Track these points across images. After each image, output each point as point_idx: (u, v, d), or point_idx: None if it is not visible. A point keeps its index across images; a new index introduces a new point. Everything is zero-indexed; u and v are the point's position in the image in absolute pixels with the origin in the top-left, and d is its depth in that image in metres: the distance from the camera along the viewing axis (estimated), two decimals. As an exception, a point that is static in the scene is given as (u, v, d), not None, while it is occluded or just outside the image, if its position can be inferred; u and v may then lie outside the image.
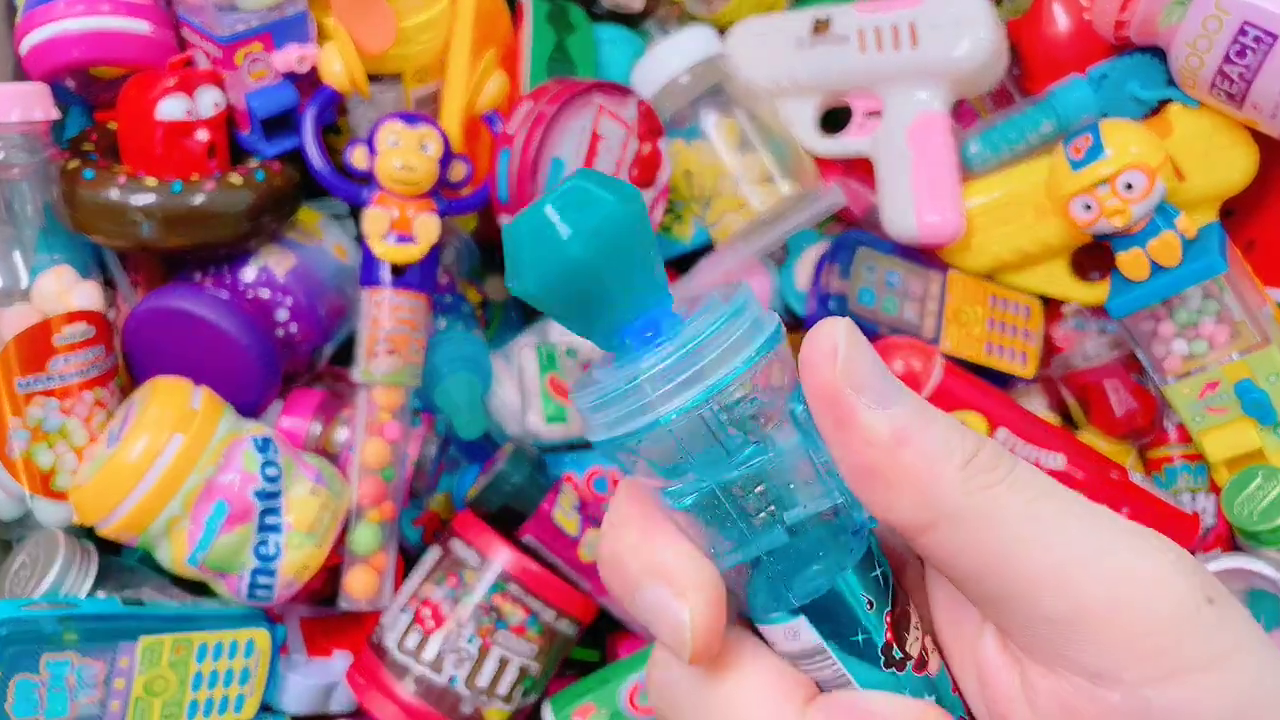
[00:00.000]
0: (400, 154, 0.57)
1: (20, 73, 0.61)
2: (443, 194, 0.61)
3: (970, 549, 0.22)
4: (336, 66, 0.58)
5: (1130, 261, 0.60)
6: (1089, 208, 0.58)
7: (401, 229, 0.58)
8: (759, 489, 0.22)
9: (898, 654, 0.23)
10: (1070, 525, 0.22)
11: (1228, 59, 0.59)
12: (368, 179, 0.58)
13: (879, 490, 0.22)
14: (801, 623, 0.23)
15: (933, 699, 0.24)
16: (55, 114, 0.59)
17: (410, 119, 0.58)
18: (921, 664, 0.24)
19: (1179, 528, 0.63)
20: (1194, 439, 0.64)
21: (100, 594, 0.57)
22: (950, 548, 0.22)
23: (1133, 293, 0.61)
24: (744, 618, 0.25)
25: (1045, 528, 0.22)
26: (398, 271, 0.58)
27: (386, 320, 0.58)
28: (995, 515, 0.22)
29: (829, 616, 0.23)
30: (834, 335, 0.22)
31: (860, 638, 0.23)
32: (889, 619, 0.23)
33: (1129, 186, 0.57)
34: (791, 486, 0.22)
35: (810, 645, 0.23)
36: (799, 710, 0.23)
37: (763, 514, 0.22)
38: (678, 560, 0.23)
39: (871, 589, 0.23)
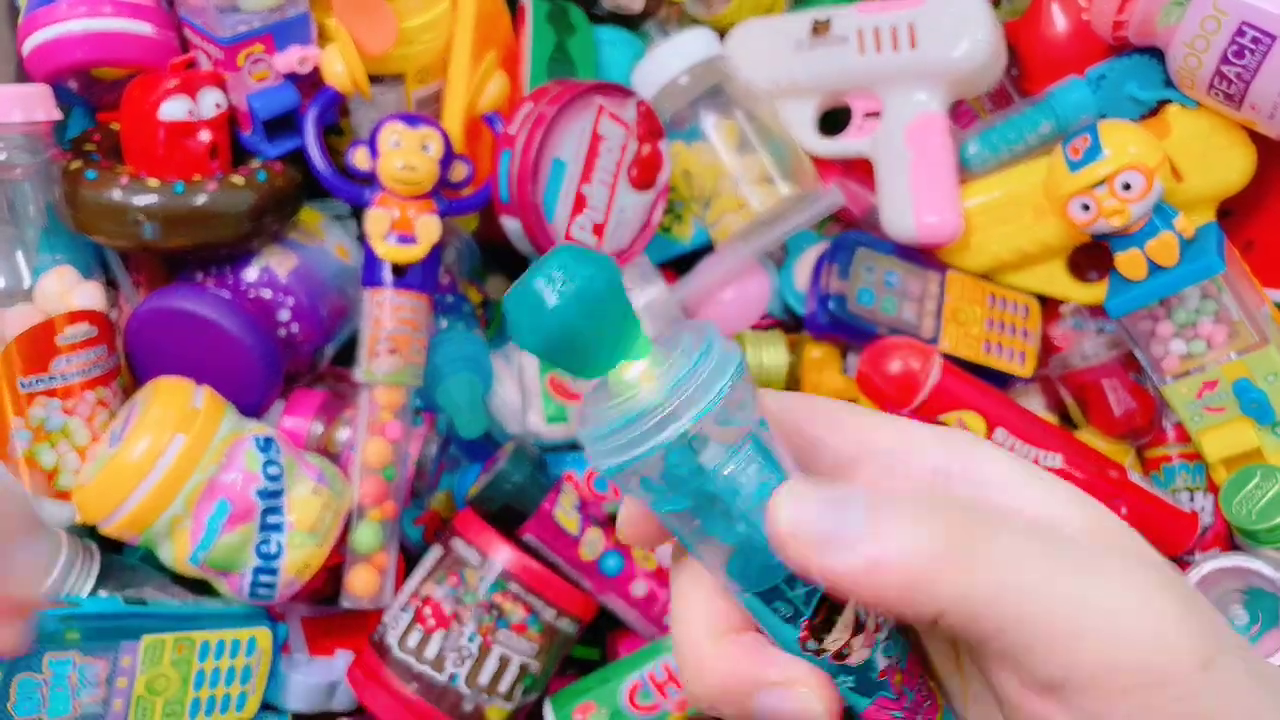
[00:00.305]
0: (402, 154, 0.57)
1: (23, 74, 0.61)
2: (444, 194, 0.61)
3: (973, 626, 0.23)
4: (338, 67, 0.58)
5: (1128, 261, 0.60)
6: (1087, 208, 0.58)
7: (403, 229, 0.58)
8: (721, 505, 0.25)
9: (812, 646, 0.26)
10: (1055, 590, 0.22)
11: (1225, 59, 0.59)
12: (369, 179, 0.58)
13: (868, 600, 0.24)
14: (750, 599, 0.26)
15: (850, 679, 0.26)
16: (57, 115, 0.59)
17: (411, 120, 0.58)
18: (840, 656, 0.26)
19: (1177, 527, 0.63)
20: (1192, 438, 0.64)
21: (102, 593, 0.57)
22: (943, 624, 0.23)
23: (1131, 292, 0.61)
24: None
25: (1030, 597, 0.22)
26: (399, 272, 0.58)
27: (388, 320, 0.58)
28: (981, 595, 0.22)
29: (765, 603, 0.26)
30: (787, 513, 0.24)
31: (786, 630, 0.26)
32: (805, 624, 0.26)
33: (1127, 187, 0.57)
34: (744, 506, 0.25)
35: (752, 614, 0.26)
36: (720, 634, 0.26)
37: (731, 520, 0.25)
38: (777, 663, 0.26)
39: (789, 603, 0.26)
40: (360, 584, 0.58)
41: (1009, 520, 0.24)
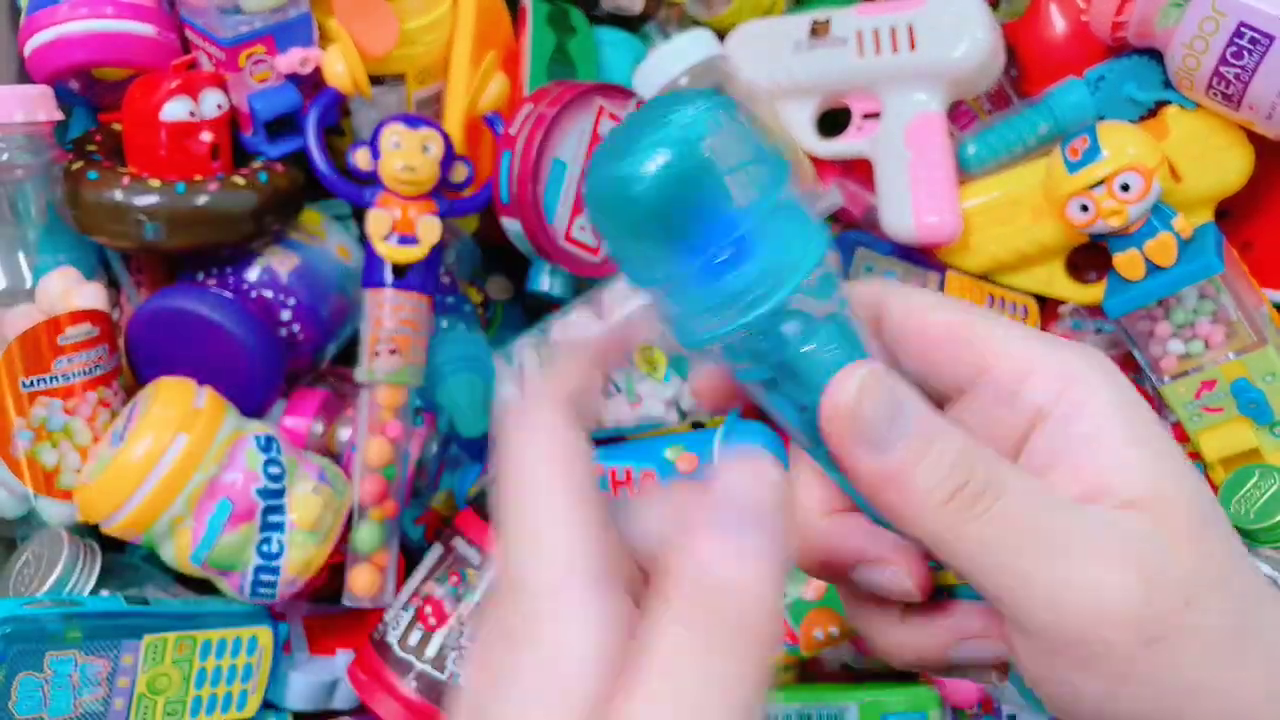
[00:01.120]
0: (402, 155, 0.57)
1: (24, 75, 0.61)
2: (444, 195, 0.61)
3: (951, 563, 0.25)
4: (339, 68, 0.59)
5: (1127, 262, 0.60)
6: (1086, 209, 0.59)
7: (404, 230, 0.58)
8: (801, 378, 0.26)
9: None
10: (1041, 556, 0.24)
11: (1224, 60, 0.59)
12: (370, 180, 0.58)
13: (872, 502, 0.26)
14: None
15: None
16: (58, 115, 0.59)
17: (412, 121, 0.59)
18: None
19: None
20: (1190, 438, 0.64)
21: (104, 592, 0.57)
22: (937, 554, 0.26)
23: (1129, 293, 0.61)
24: None
25: (1017, 558, 0.24)
26: (400, 272, 0.58)
27: (389, 320, 0.58)
28: (970, 547, 0.25)
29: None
30: (848, 388, 0.25)
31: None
32: None
33: (1125, 188, 0.57)
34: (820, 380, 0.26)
35: None
36: (826, 513, 0.29)
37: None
38: (875, 542, 0.28)
39: None
40: (361, 583, 0.58)
41: (1022, 493, 0.25)
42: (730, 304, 0.24)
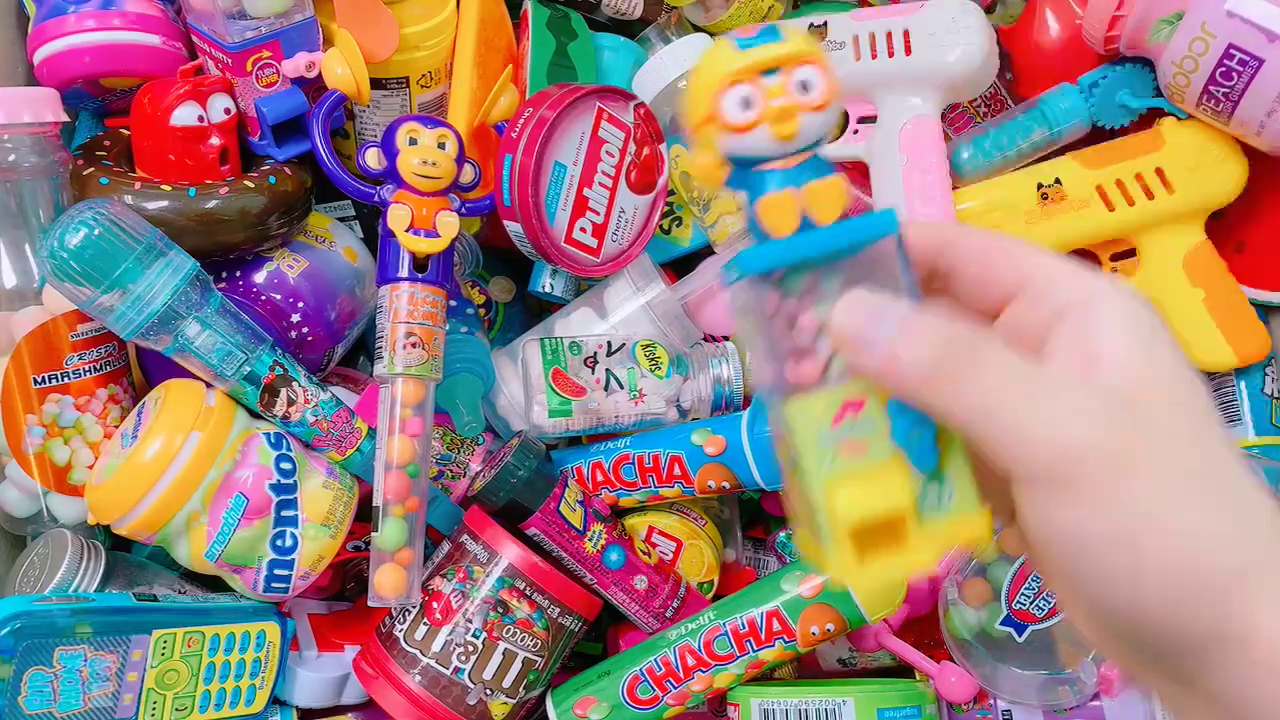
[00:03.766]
0: (420, 152, 0.57)
1: (32, 79, 0.62)
2: (457, 195, 0.61)
3: (952, 427, 0.29)
4: (340, 70, 0.59)
5: (775, 207, 0.34)
6: (747, 104, 0.33)
7: (423, 226, 0.58)
8: None
9: None
10: (1019, 405, 0.28)
11: (1214, 80, 0.59)
12: (381, 180, 0.58)
13: (891, 392, 0.30)
14: None
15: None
16: (65, 117, 0.59)
17: (427, 120, 0.59)
18: None
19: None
20: (808, 492, 0.32)
21: (111, 590, 0.57)
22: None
23: (766, 253, 0.33)
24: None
25: (1000, 410, 0.28)
26: (419, 268, 0.58)
27: (410, 313, 0.57)
28: (958, 409, 0.28)
29: None
30: (838, 315, 0.30)
31: None
32: None
33: (805, 87, 0.34)
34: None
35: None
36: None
37: None
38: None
39: None
40: (388, 583, 0.57)
41: (999, 360, 0.28)
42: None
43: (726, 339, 0.70)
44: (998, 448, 0.28)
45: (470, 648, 0.58)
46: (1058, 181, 0.67)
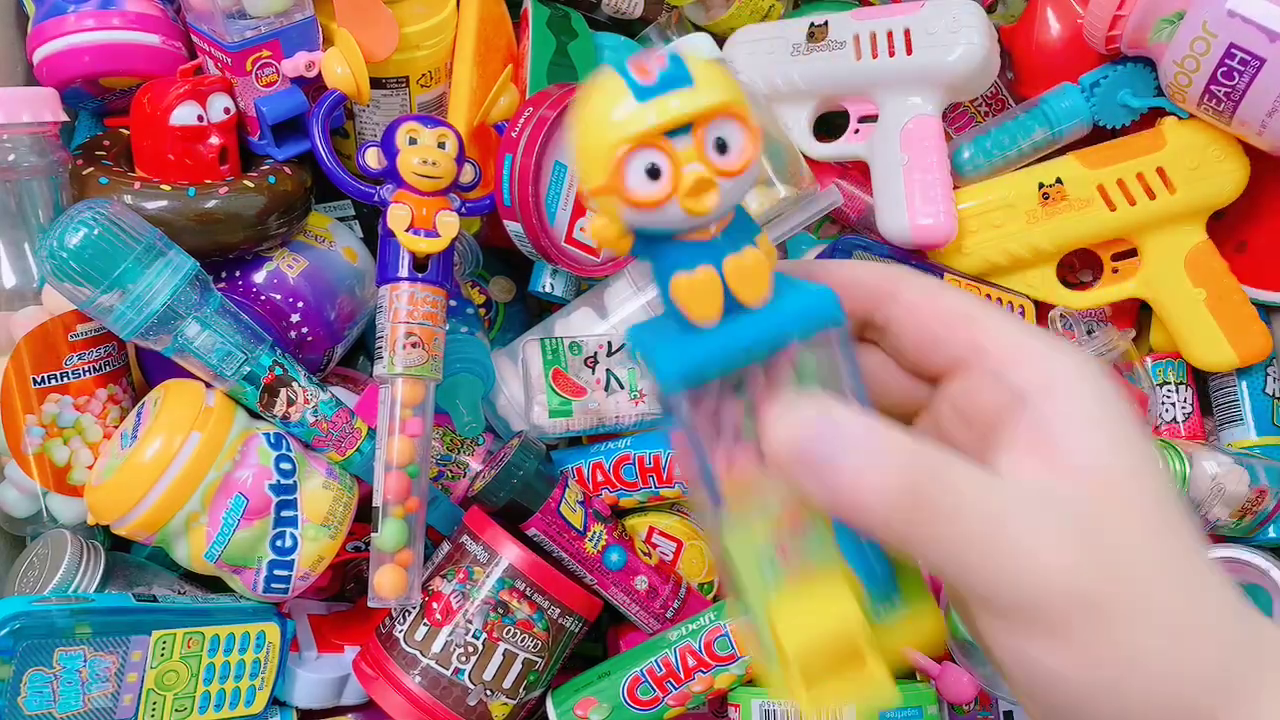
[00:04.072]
0: (419, 151, 0.57)
1: (32, 79, 0.62)
2: (457, 195, 0.61)
3: (916, 559, 0.27)
4: (339, 70, 0.59)
5: (693, 290, 0.27)
6: (655, 173, 0.26)
7: (423, 226, 0.57)
8: None
9: None
10: (985, 538, 0.26)
11: (1215, 79, 0.59)
12: (381, 179, 0.58)
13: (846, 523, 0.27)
14: None
15: None
16: (64, 117, 0.59)
17: (426, 120, 0.59)
18: None
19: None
20: (754, 615, 0.29)
21: (110, 590, 0.57)
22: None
23: (695, 348, 0.27)
24: None
25: (966, 549, 0.26)
26: (419, 267, 0.58)
27: (410, 313, 0.58)
28: (926, 548, 0.26)
29: None
30: (773, 431, 0.26)
31: None
32: None
33: (722, 146, 0.27)
34: None
35: None
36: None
37: None
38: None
39: None
40: (388, 584, 0.56)
41: (970, 483, 0.26)
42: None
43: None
44: (967, 585, 0.26)
45: (470, 648, 0.58)
46: (1059, 181, 0.67)
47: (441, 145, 0.58)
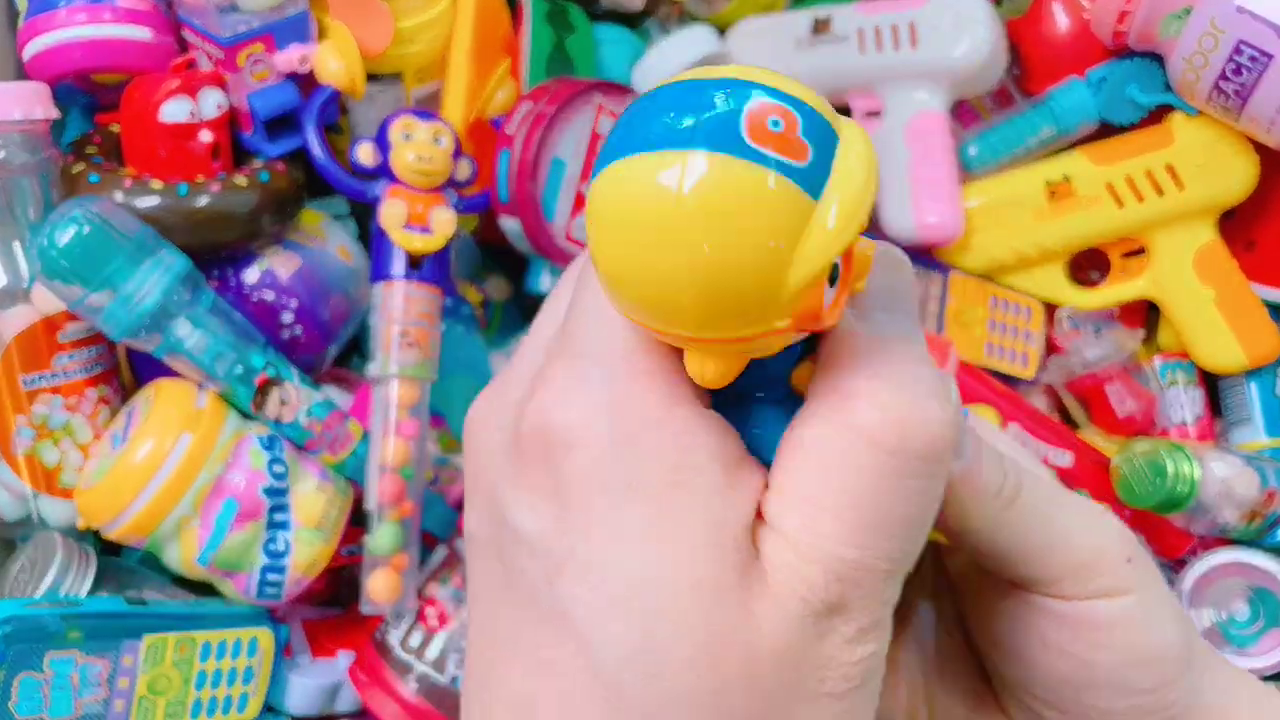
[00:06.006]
0: (414, 147, 0.57)
1: (21, 75, 0.61)
2: (453, 191, 0.61)
3: (991, 548, 0.31)
4: (333, 64, 0.58)
5: None
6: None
7: (418, 222, 0.57)
8: None
9: None
10: (1053, 523, 0.30)
11: (1224, 76, 0.59)
12: (375, 175, 0.58)
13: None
14: None
15: None
16: (55, 113, 0.59)
17: (422, 114, 0.58)
18: None
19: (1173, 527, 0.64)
20: None
21: (101, 594, 0.57)
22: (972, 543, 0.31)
23: None
24: None
25: (1035, 530, 0.30)
26: (414, 265, 0.58)
27: (405, 313, 0.57)
28: (1005, 531, 0.30)
29: None
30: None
31: None
32: None
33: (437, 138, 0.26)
34: None
35: None
36: None
37: None
38: None
39: None
40: (381, 588, 0.56)
41: (1035, 485, 0.31)
42: None
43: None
44: (1031, 565, 0.30)
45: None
46: (1066, 178, 0.67)
47: (437, 141, 0.58)
